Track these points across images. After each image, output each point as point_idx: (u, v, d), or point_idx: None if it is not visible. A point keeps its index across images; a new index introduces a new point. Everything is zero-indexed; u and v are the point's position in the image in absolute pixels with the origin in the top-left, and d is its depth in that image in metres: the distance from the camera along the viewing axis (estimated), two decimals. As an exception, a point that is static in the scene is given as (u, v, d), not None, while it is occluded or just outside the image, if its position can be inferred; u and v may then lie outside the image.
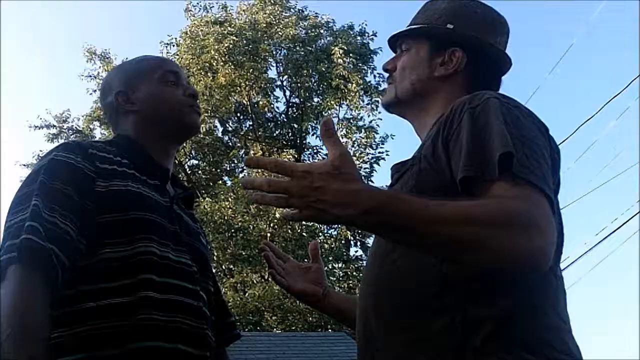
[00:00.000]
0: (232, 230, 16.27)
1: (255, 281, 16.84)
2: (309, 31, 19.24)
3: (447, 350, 1.32)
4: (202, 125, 18.01)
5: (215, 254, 16.42)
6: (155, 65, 1.78)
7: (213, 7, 19.48)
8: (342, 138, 18.50)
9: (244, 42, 18.09)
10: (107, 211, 1.53)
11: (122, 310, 1.46)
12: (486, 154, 1.32)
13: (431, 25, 1.65)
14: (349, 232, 16.91)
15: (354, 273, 15.90)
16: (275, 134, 19.51)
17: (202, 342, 1.57)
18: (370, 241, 8.60)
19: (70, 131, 19.50)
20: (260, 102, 19.14)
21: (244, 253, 16.33)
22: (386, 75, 1.74)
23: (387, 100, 1.71)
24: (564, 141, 10.22)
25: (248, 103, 18.92)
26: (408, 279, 1.39)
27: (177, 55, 18.24)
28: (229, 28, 18.28)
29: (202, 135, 18.79)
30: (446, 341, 1.32)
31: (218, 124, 19.39)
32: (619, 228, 9.88)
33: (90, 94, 18.87)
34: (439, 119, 1.52)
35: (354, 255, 17.33)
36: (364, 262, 14.12)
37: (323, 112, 18.69)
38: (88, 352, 1.43)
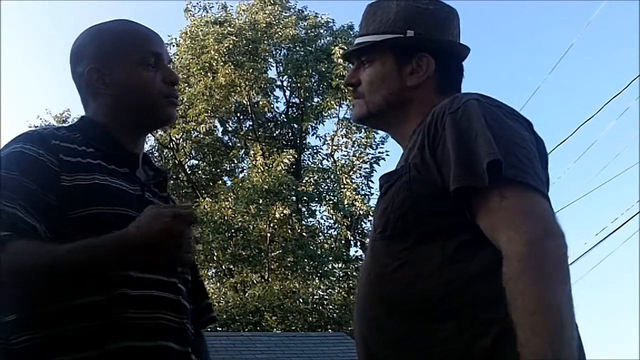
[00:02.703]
0: (232, 230, 16.27)
1: (255, 281, 16.84)
2: (309, 31, 19.25)
3: (455, 356, 1.32)
4: (202, 125, 18.06)
5: (215, 254, 16.42)
6: (135, 44, 1.64)
7: (213, 7, 19.53)
8: (342, 138, 18.54)
9: (244, 42, 18.10)
10: (72, 208, 1.45)
11: (96, 309, 1.41)
12: (473, 162, 1.32)
13: (394, 37, 1.58)
14: (348, 232, 16.91)
15: (354, 273, 15.88)
16: (275, 134, 19.51)
17: (184, 337, 1.54)
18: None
19: (70, 131, 19.48)
20: (260, 102, 19.14)
21: (244, 253, 16.33)
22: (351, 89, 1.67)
23: (359, 115, 1.65)
24: (564, 141, 10.25)
25: (248, 103, 18.92)
26: (409, 288, 1.39)
27: (177, 55, 18.24)
28: (229, 28, 18.30)
29: (202, 135, 18.80)
30: (453, 347, 1.32)
31: (218, 124, 19.42)
32: (619, 228, 9.88)
33: (90, 94, 18.84)
34: (419, 126, 1.51)
35: (354, 255, 17.33)
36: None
37: (323, 112, 18.71)
38: (65, 356, 1.39)
